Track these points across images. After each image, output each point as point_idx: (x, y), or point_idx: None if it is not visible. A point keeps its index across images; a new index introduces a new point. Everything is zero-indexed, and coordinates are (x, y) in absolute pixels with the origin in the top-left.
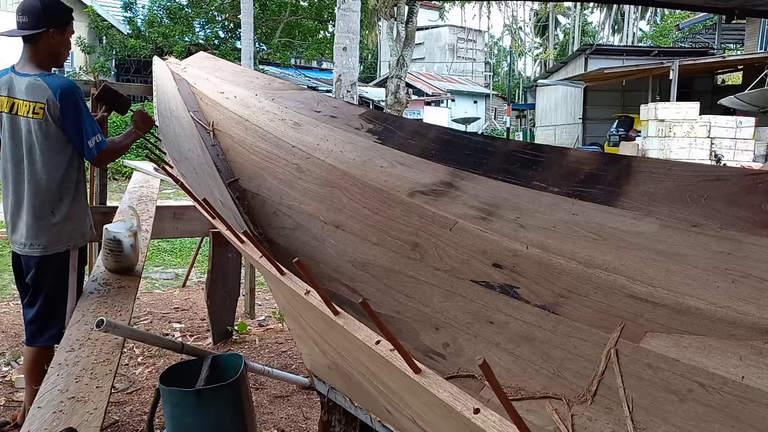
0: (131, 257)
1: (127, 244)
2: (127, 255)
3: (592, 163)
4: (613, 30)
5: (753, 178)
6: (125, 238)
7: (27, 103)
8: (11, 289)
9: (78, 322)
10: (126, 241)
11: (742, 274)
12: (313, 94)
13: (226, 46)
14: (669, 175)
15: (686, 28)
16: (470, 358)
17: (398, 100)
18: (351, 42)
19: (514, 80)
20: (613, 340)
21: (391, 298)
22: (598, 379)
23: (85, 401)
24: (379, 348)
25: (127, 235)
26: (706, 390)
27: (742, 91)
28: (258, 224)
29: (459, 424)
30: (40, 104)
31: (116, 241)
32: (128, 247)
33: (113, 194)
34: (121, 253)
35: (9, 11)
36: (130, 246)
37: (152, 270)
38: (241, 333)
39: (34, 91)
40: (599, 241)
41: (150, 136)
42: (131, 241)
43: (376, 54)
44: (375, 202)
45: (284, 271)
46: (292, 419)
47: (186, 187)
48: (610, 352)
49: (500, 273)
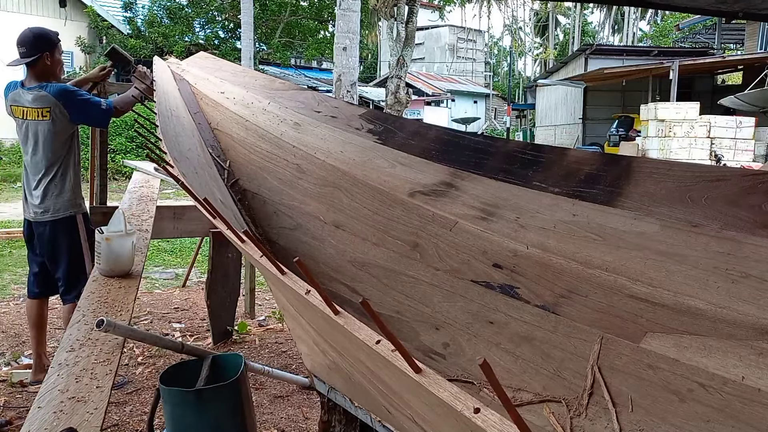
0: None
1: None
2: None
3: (592, 163)
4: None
5: (753, 178)
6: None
7: (35, 110)
8: (11, 289)
9: (78, 322)
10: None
11: (742, 274)
12: (313, 94)
13: (226, 46)
14: (669, 175)
15: (686, 28)
16: (470, 358)
17: (398, 100)
18: (351, 42)
19: (514, 80)
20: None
21: (391, 298)
22: (587, 392)
23: (85, 401)
24: (379, 348)
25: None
26: (706, 390)
27: (742, 91)
28: (258, 224)
29: (459, 424)
30: (47, 109)
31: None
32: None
33: (113, 194)
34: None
35: (9, 11)
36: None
37: (152, 270)
38: (241, 333)
39: (39, 100)
40: (599, 241)
41: (150, 136)
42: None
43: (376, 54)
44: (375, 202)
45: (284, 270)
46: (292, 419)
47: (186, 187)
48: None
49: (500, 273)
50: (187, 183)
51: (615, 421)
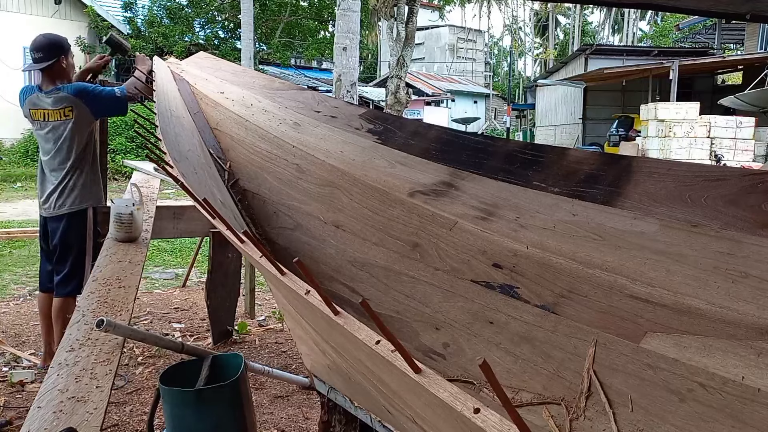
0: (138, 228)
1: (135, 216)
2: (135, 226)
3: (592, 163)
4: (613, 30)
5: (753, 178)
6: (134, 211)
7: (57, 111)
8: (11, 289)
9: (78, 322)
10: (135, 213)
11: (742, 274)
12: (313, 94)
13: (226, 46)
14: (669, 175)
15: (686, 28)
16: (470, 358)
17: (398, 100)
18: (351, 42)
19: (514, 80)
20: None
21: (391, 298)
22: (585, 395)
23: (85, 401)
24: (379, 348)
25: (135, 208)
26: (706, 390)
27: (742, 91)
28: (258, 224)
29: (459, 424)
30: (69, 108)
31: (125, 214)
32: (135, 219)
33: (113, 194)
34: (131, 224)
35: (9, 11)
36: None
37: (152, 270)
38: (241, 333)
39: (60, 101)
40: (599, 241)
41: (150, 136)
42: (137, 213)
43: (376, 54)
44: (375, 202)
45: (284, 271)
46: (292, 419)
47: (186, 187)
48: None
49: (500, 273)
50: (187, 183)
51: (613, 423)
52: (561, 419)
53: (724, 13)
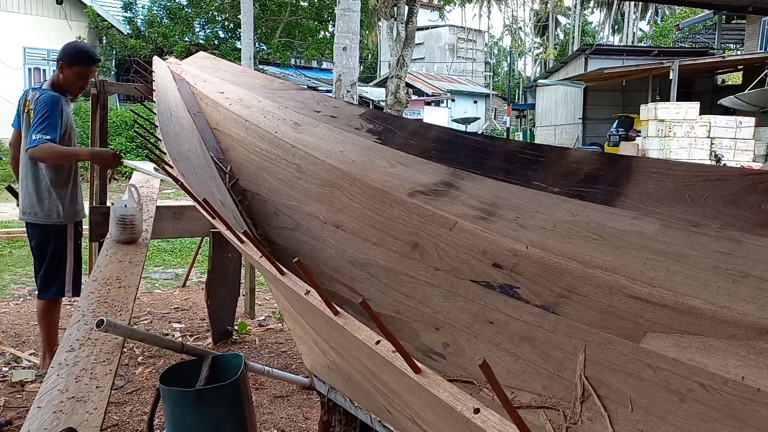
0: (139, 229)
1: (135, 218)
2: (136, 227)
3: (592, 163)
4: (613, 30)
5: (753, 178)
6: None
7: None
8: (11, 289)
9: (78, 322)
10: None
11: (742, 274)
12: (313, 94)
13: (226, 46)
14: (669, 175)
15: (686, 28)
16: (470, 358)
17: (398, 100)
18: (351, 42)
19: (514, 80)
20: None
21: (391, 298)
22: (579, 401)
23: (85, 401)
24: (379, 348)
25: (136, 209)
26: (706, 390)
27: (742, 91)
28: (258, 224)
29: (459, 424)
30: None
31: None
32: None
33: (113, 194)
34: (134, 225)
35: (9, 11)
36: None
37: (152, 270)
38: (241, 333)
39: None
40: (599, 241)
41: (150, 136)
42: (137, 215)
43: (376, 54)
44: (375, 202)
45: (284, 271)
46: (292, 419)
47: (186, 187)
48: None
49: (500, 273)
50: (187, 183)
51: (609, 426)
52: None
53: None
